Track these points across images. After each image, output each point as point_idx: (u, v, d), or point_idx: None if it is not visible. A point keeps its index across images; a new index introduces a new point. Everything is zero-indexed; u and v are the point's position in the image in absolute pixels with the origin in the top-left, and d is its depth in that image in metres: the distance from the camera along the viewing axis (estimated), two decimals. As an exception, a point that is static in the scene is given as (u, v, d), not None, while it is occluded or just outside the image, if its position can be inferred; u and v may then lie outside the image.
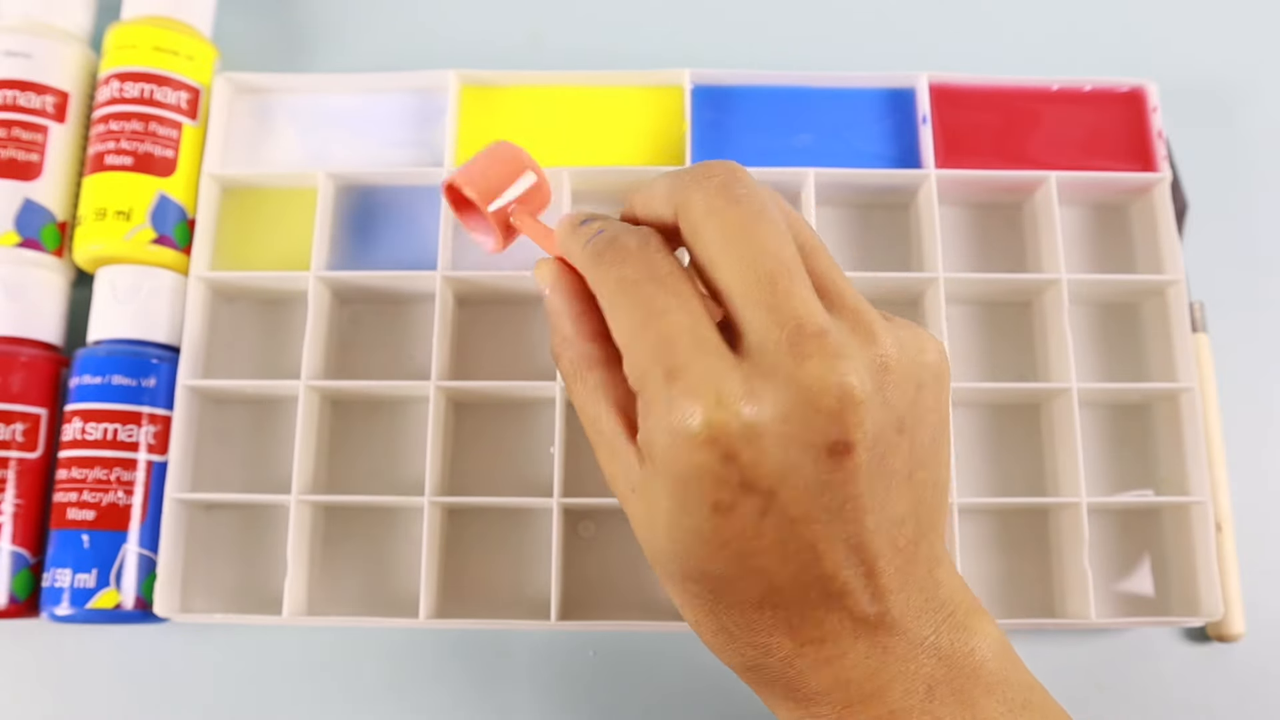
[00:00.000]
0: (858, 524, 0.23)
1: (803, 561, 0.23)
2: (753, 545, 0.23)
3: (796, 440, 0.22)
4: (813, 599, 0.23)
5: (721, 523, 0.22)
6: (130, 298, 0.36)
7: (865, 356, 0.23)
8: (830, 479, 0.22)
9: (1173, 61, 0.42)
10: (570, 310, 0.26)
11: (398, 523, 0.37)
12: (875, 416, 0.22)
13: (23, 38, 0.38)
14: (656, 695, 0.36)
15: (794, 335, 0.22)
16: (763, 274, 0.23)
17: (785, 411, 0.22)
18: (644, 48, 0.42)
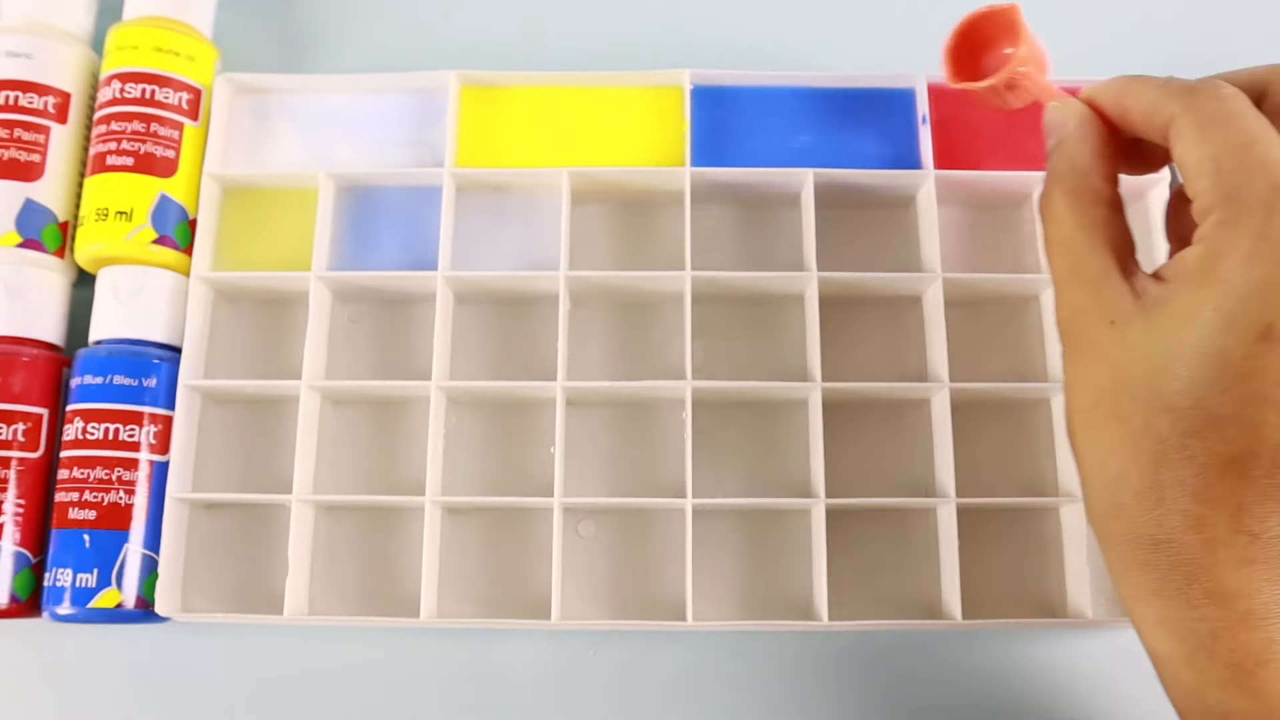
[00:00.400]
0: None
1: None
2: (1269, 389, 0.22)
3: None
4: (1276, 482, 0.22)
5: (1261, 352, 0.22)
6: (131, 298, 0.36)
7: None
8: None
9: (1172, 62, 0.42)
10: (1096, 145, 0.27)
11: (398, 523, 0.37)
12: None
13: (24, 38, 0.38)
14: (656, 695, 0.36)
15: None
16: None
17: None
18: (644, 48, 0.42)
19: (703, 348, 0.38)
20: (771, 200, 0.40)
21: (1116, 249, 0.26)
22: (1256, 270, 0.22)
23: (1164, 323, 0.23)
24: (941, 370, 0.36)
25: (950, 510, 0.35)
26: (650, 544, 0.37)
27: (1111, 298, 0.24)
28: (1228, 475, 0.22)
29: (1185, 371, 0.22)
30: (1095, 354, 0.24)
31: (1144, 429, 0.23)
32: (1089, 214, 0.26)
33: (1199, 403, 0.22)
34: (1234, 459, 0.22)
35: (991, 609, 0.36)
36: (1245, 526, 0.22)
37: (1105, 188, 0.27)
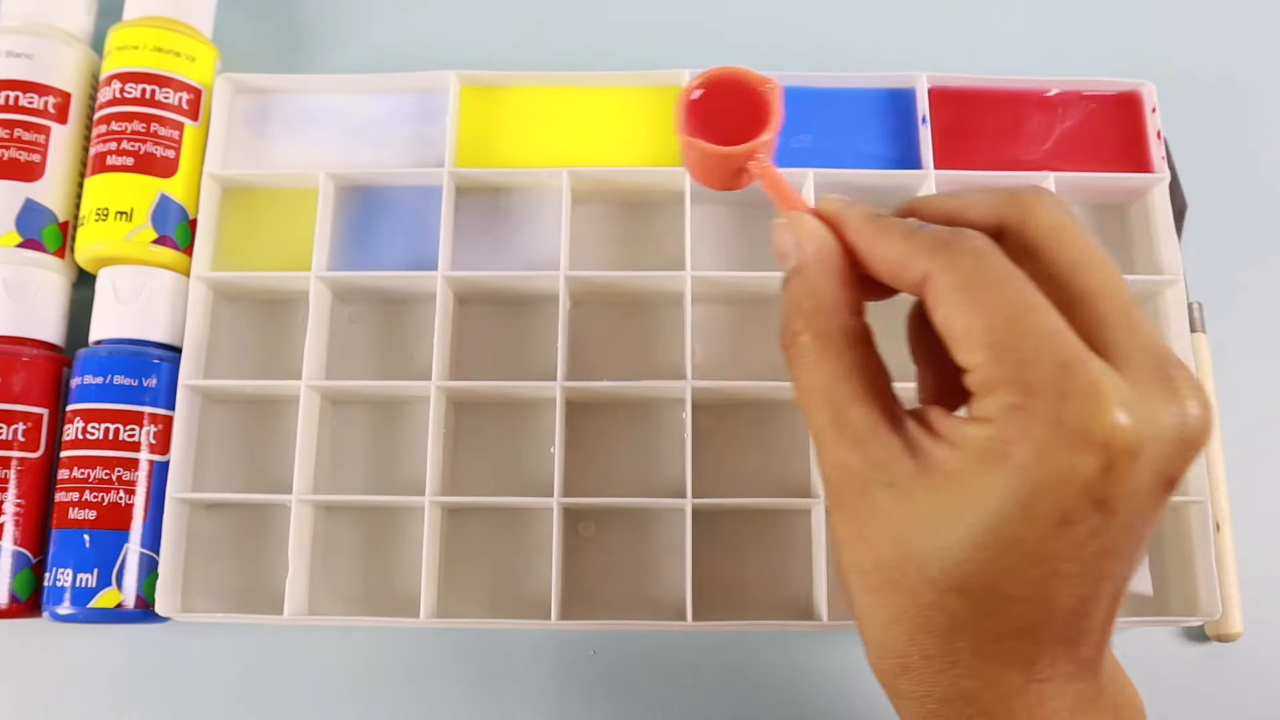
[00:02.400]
0: (1129, 568, 0.22)
1: (1084, 595, 0.22)
2: (1064, 569, 0.21)
3: (1154, 466, 0.21)
4: (1067, 637, 0.22)
5: (1054, 537, 0.21)
6: (131, 298, 0.36)
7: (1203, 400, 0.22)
8: (1151, 515, 0.21)
9: (1173, 62, 0.42)
10: (839, 275, 0.24)
11: (398, 523, 0.37)
12: None
13: (24, 39, 0.38)
14: (656, 695, 0.36)
15: (1160, 360, 0.21)
16: (1123, 297, 0.22)
17: (1162, 433, 0.21)
18: (644, 48, 0.42)
19: (703, 348, 0.38)
20: (771, 201, 0.39)
21: (878, 395, 0.23)
22: (1054, 461, 0.20)
23: (952, 500, 0.21)
24: (941, 370, 0.36)
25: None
26: (650, 544, 0.37)
27: (882, 456, 0.22)
28: (1024, 641, 0.22)
29: (979, 555, 0.21)
30: (874, 518, 0.23)
31: (935, 604, 0.22)
32: (844, 359, 0.23)
33: (993, 586, 0.21)
34: (1028, 628, 0.22)
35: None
36: (1038, 675, 0.22)
37: (856, 324, 0.24)
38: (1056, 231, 0.23)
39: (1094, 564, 0.21)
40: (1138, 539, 0.22)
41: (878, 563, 0.23)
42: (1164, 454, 0.21)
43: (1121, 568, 0.22)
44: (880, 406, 0.23)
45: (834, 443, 0.23)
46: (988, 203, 0.24)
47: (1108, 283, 0.22)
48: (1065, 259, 0.22)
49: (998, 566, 0.21)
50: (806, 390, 0.24)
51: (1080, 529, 0.21)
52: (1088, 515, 0.21)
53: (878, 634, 0.23)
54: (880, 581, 0.23)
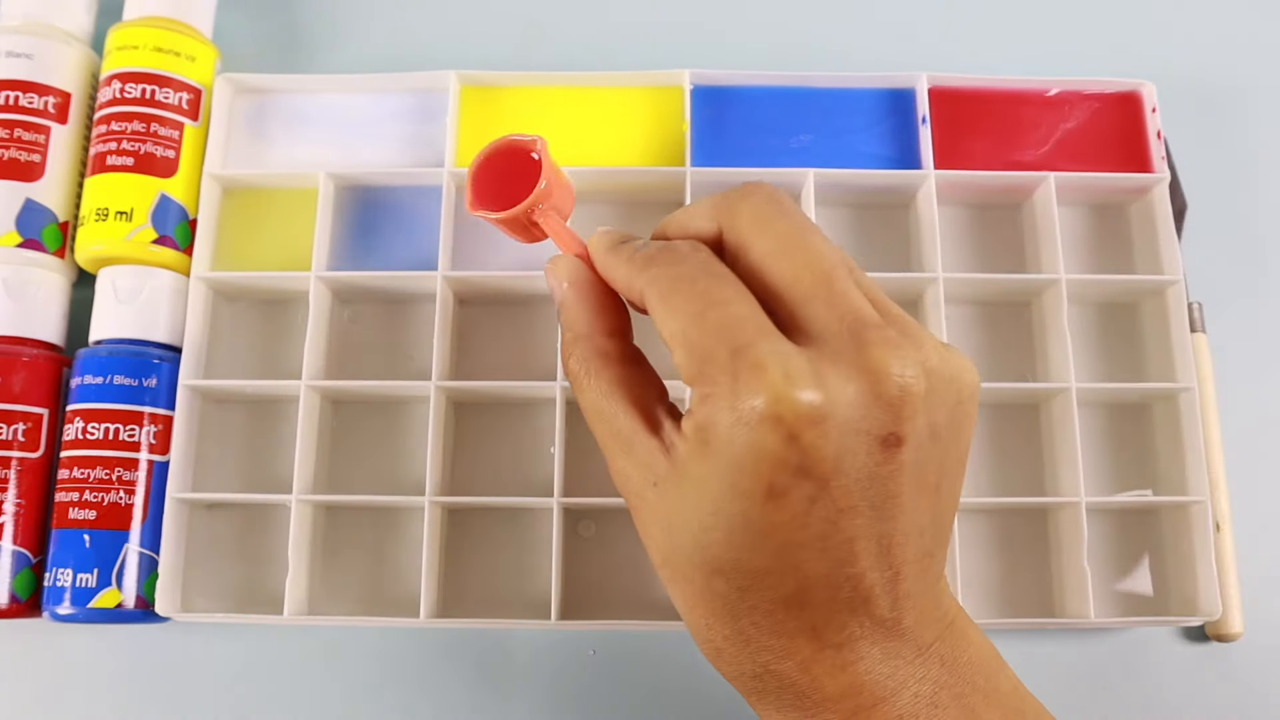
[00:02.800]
0: (892, 524, 0.23)
1: (839, 558, 0.23)
2: (797, 536, 0.22)
3: (856, 427, 0.22)
4: (840, 600, 0.23)
5: (772, 509, 0.22)
6: (131, 298, 0.36)
7: (917, 357, 0.23)
8: (878, 471, 0.22)
9: (1173, 61, 0.42)
10: (589, 304, 0.27)
11: (398, 523, 0.37)
12: (923, 417, 0.23)
13: (24, 39, 0.38)
14: (656, 695, 0.36)
15: (855, 326, 0.22)
16: (819, 273, 0.23)
17: (850, 397, 0.22)
18: (644, 48, 0.42)
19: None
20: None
21: (641, 405, 0.25)
22: (739, 439, 0.22)
23: (690, 489, 0.23)
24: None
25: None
26: (650, 544, 0.37)
27: (646, 458, 0.24)
28: (792, 609, 0.23)
29: (719, 536, 0.23)
30: (651, 515, 0.24)
31: (706, 588, 0.24)
32: (604, 376, 0.25)
33: (740, 562, 0.23)
34: (790, 597, 0.23)
35: (991, 609, 0.36)
36: (828, 641, 0.23)
37: (611, 344, 0.26)
38: (758, 224, 0.24)
39: (832, 527, 0.22)
40: (881, 496, 0.23)
41: (664, 557, 0.24)
42: (864, 414, 0.22)
43: (875, 525, 0.23)
44: (643, 414, 0.25)
45: (613, 453, 0.25)
46: (707, 210, 0.25)
47: (808, 263, 0.23)
48: (762, 248, 0.24)
49: (735, 544, 0.23)
50: (585, 410, 0.26)
51: (795, 498, 0.22)
52: (796, 484, 0.22)
53: (689, 622, 0.25)
54: (670, 574, 0.25)
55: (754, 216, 0.24)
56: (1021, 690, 0.25)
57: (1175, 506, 0.37)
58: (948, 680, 0.24)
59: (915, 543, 0.23)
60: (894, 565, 0.23)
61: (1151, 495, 0.37)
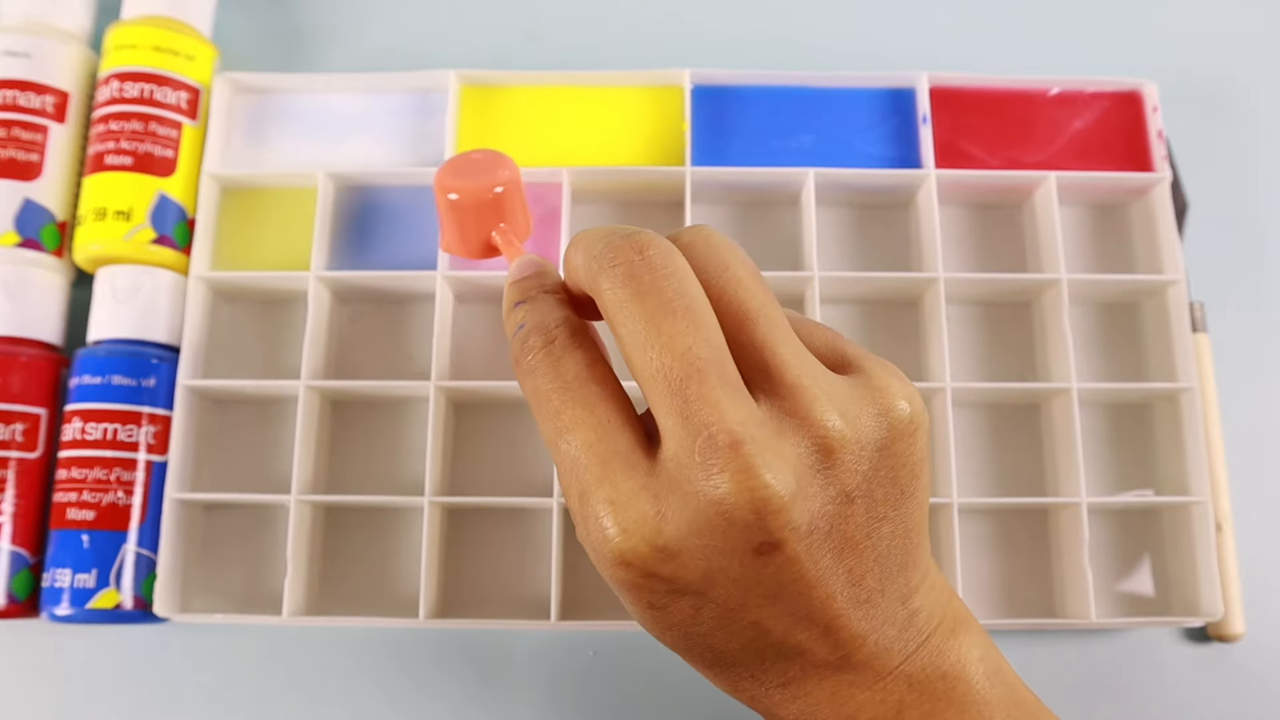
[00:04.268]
0: (804, 599, 0.22)
1: (749, 637, 0.23)
2: (695, 630, 0.23)
3: (717, 550, 0.22)
4: (769, 658, 0.23)
5: (659, 615, 0.23)
6: (130, 298, 0.36)
7: (793, 452, 0.22)
8: (761, 574, 0.22)
9: (1173, 61, 0.42)
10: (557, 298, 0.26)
11: (398, 523, 0.37)
12: (807, 507, 0.22)
13: (23, 37, 0.38)
14: (656, 695, 0.36)
15: (705, 448, 0.21)
16: (673, 379, 0.22)
17: (699, 528, 0.21)
18: (644, 48, 0.42)
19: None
20: (771, 200, 0.40)
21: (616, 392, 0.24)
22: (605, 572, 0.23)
23: None
24: (942, 370, 0.36)
25: (951, 511, 0.35)
26: (650, 544, 0.37)
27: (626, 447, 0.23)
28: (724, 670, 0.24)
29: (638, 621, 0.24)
30: None
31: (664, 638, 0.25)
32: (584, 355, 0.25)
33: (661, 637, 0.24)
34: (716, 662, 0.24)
35: (991, 609, 0.36)
36: (770, 683, 0.24)
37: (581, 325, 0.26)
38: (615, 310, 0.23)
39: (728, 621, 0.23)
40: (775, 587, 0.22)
41: None
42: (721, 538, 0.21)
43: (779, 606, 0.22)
44: None
45: None
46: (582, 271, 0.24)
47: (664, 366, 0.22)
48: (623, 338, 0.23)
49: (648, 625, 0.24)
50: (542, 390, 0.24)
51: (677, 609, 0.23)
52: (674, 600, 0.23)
53: None
54: None
55: (614, 299, 0.23)
56: (1021, 698, 0.25)
57: (1176, 507, 0.36)
58: (915, 699, 0.23)
59: (850, 594, 0.23)
60: (822, 623, 0.23)
61: (1152, 495, 0.37)
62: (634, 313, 0.22)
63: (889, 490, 0.23)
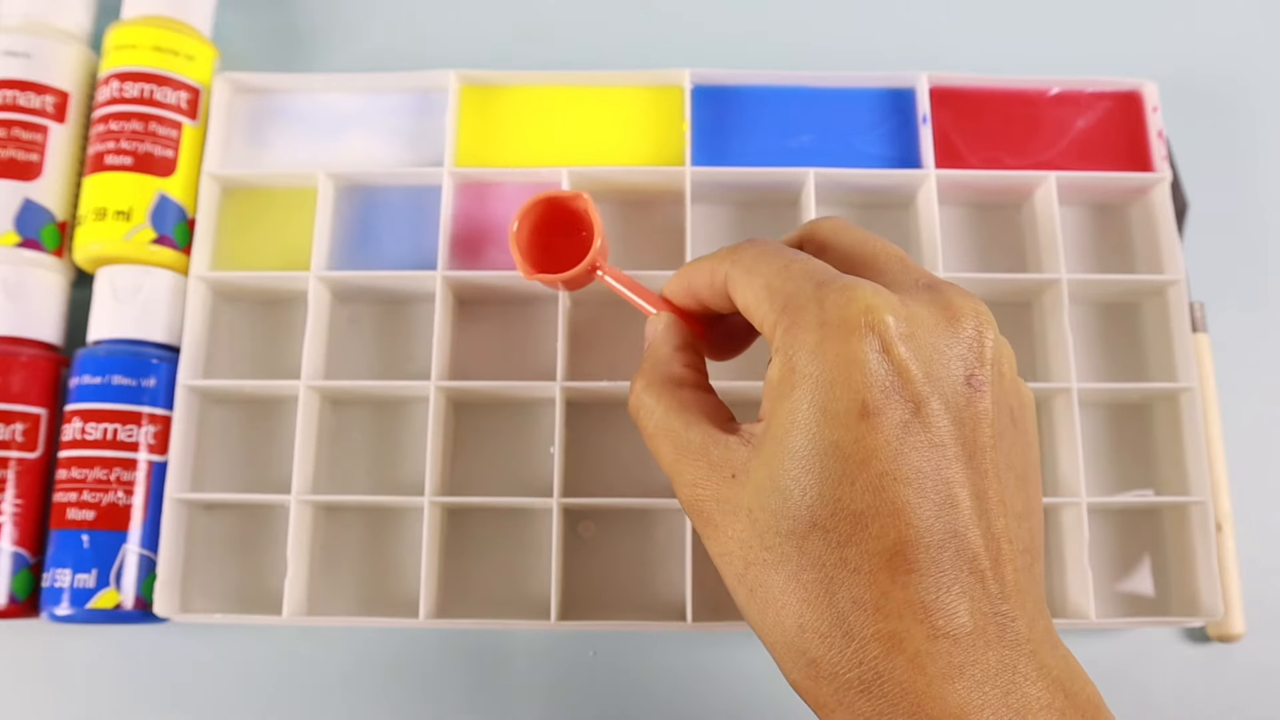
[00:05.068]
0: (985, 482, 0.22)
1: (939, 505, 0.21)
2: (893, 467, 0.21)
3: (940, 354, 0.22)
4: (945, 567, 0.21)
5: (865, 431, 0.21)
6: (130, 298, 0.36)
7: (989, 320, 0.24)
8: (965, 412, 0.22)
9: (1173, 61, 0.42)
10: (674, 340, 0.28)
11: (398, 523, 0.37)
12: (995, 381, 0.23)
13: (23, 37, 0.38)
14: (656, 695, 0.36)
15: (930, 281, 0.24)
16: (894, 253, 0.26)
17: (932, 322, 0.23)
18: (644, 48, 0.42)
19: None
20: (771, 200, 0.40)
21: (711, 418, 0.26)
22: (829, 353, 0.22)
23: (772, 445, 0.23)
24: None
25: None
26: (650, 544, 0.37)
27: (724, 456, 0.24)
28: (898, 571, 0.21)
29: (810, 480, 0.22)
30: (727, 513, 0.23)
31: (800, 561, 0.22)
32: (675, 396, 0.26)
33: (837, 507, 0.21)
34: (894, 552, 0.21)
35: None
36: (940, 629, 0.21)
37: (687, 373, 0.27)
38: (838, 231, 0.27)
39: (927, 461, 0.22)
40: (970, 442, 0.22)
41: (746, 553, 0.23)
42: (947, 343, 0.23)
43: (970, 475, 0.22)
44: (713, 424, 0.25)
45: (680, 466, 0.25)
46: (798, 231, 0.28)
47: (883, 248, 0.26)
48: (847, 241, 0.26)
49: (831, 481, 0.22)
50: (653, 433, 0.26)
51: (887, 420, 0.22)
52: (888, 403, 0.22)
53: (776, 639, 0.23)
54: (755, 573, 0.23)
55: (834, 226, 0.27)
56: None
57: (1176, 506, 0.36)
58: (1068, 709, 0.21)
59: (1010, 526, 0.22)
60: (996, 539, 0.22)
61: (1153, 495, 0.37)
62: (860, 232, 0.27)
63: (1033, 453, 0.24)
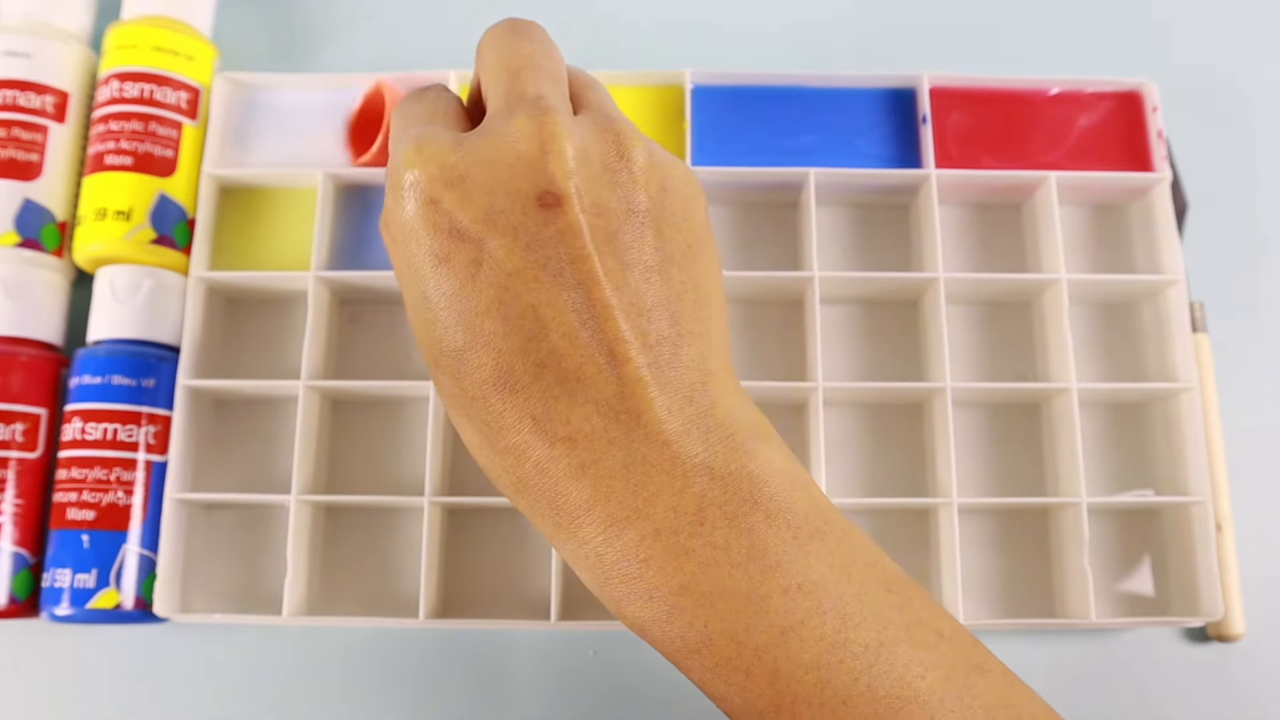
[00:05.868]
0: (586, 292, 0.22)
1: (528, 329, 0.22)
2: (474, 304, 0.23)
3: (501, 185, 0.23)
4: (549, 380, 0.22)
5: (442, 277, 0.23)
6: (130, 298, 0.36)
7: (592, 134, 0.24)
8: (542, 232, 0.23)
9: (1173, 61, 0.42)
10: None
11: (398, 523, 0.37)
12: (595, 183, 0.23)
13: (23, 38, 0.38)
14: (656, 695, 0.36)
15: (513, 99, 0.24)
16: (509, 66, 0.25)
17: (487, 156, 0.23)
18: (644, 48, 0.42)
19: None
20: (772, 200, 0.40)
21: None
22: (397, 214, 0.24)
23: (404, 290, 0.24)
24: (942, 370, 0.36)
25: (951, 511, 0.35)
26: (650, 544, 0.37)
27: None
28: (504, 392, 0.23)
29: (420, 326, 0.24)
30: None
31: (442, 393, 0.24)
32: None
33: (440, 343, 0.23)
34: (497, 379, 0.23)
35: (990, 609, 0.36)
36: (555, 434, 0.22)
37: None
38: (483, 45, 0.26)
39: (505, 292, 0.23)
40: (557, 260, 0.23)
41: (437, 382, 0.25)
42: (508, 173, 0.23)
43: (562, 293, 0.22)
44: None
45: None
46: None
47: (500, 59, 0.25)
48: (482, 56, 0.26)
49: (429, 325, 0.23)
50: None
51: (457, 261, 0.23)
52: (455, 246, 0.23)
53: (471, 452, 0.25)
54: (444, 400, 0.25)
55: (489, 36, 0.26)
56: (832, 516, 0.23)
57: (1176, 507, 0.36)
58: (719, 496, 0.22)
59: (637, 324, 0.23)
60: (607, 341, 0.22)
61: (1152, 495, 0.37)
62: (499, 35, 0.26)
63: (677, 235, 0.24)
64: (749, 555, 0.22)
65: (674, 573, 0.22)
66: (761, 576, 0.22)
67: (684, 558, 0.22)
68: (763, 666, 0.22)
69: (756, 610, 0.22)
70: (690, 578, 0.22)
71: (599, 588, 0.23)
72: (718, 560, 0.22)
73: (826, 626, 0.22)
